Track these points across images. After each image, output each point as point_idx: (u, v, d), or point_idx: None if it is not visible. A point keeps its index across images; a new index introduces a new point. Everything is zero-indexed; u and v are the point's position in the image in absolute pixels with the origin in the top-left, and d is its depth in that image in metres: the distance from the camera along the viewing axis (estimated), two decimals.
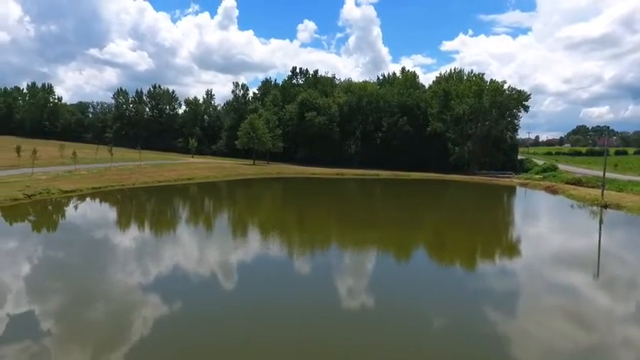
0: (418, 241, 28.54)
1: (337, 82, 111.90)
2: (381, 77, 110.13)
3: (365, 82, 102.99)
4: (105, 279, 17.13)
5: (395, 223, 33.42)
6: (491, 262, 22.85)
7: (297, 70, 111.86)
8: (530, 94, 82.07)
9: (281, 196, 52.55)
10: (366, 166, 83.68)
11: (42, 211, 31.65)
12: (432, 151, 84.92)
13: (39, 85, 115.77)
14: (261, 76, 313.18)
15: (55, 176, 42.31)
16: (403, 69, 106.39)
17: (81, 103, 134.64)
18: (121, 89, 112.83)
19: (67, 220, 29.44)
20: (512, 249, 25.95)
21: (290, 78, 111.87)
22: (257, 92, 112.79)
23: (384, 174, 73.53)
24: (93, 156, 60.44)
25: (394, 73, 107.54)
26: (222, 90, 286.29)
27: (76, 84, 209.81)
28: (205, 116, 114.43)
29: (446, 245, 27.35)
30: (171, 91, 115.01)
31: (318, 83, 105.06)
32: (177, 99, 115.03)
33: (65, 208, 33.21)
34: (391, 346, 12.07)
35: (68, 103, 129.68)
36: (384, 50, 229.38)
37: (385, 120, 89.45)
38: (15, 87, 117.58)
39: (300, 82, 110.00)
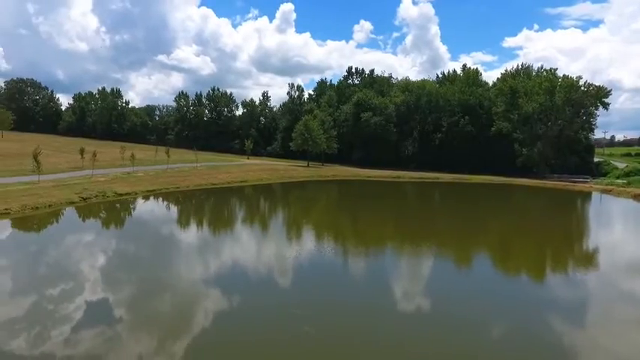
0: (482, 249, 26.04)
1: (394, 81, 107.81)
2: (440, 75, 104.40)
3: (424, 81, 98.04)
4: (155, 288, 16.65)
5: (456, 229, 30.70)
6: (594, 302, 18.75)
7: (353, 70, 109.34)
8: (610, 90, 73.23)
9: (335, 200, 50.30)
10: (424, 168, 79.15)
11: (95, 213, 31.86)
12: (496, 153, 78.37)
13: (108, 90, 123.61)
14: (317, 78, 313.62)
15: (113, 178, 43.19)
16: (464, 66, 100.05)
17: (148, 106, 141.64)
18: (182, 92, 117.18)
19: (116, 224, 29.19)
20: (612, 280, 21.42)
21: (345, 78, 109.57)
22: (312, 93, 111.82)
23: (444, 177, 68.73)
24: (152, 158, 61.99)
25: (454, 71, 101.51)
26: (280, 92, 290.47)
27: (146, 88, 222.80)
28: (261, 118, 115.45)
29: (513, 255, 24.43)
30: (229, 93, 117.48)
31: (374, 83, 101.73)
32: (234, 101, 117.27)
33: (117, 212, 33.29)
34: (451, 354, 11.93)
35: (137, 107, 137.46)
36: (443, 48, 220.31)
37: (445, 120, 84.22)
38: (88, 92, 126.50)
39: (356, 82, 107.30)
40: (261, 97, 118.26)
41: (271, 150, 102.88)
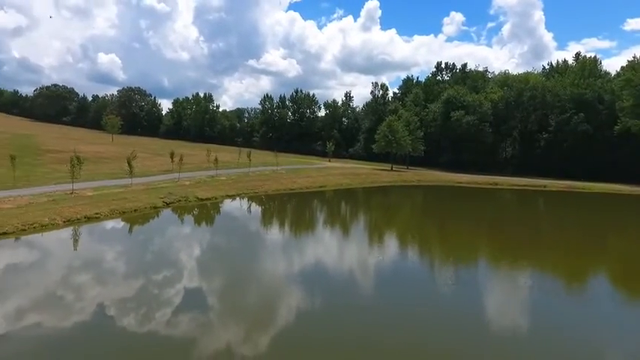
0: (600, 271, 23.79)
1: (490, 75, 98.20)
2: (547, 67, 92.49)
3: (527, 74, 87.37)
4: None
5: (567, 247, 27.38)
6: None
7: (442, 66, 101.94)
8: None
9: (419, 208, 45.92)
10: (525, 173, 70.13)
11: (176, 217, 31.81)
12: (622, 157, 66.18)
13: (202, 95, 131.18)
14: (403, 75, 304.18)
15: (198, 182, 43.72)
16: (577, 55, 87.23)
17: (238, 109, 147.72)
18: (266, 95, 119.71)
19: (194, 228, 28.56)
20: None
21: (434, 75, 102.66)
22: (397, 92, 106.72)
23: (553, 184, 59.72)
24: (236, 160, 62.82)
25: (564, 61, 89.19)
26: (364, 91, 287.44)
27: (238, 92, 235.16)
28: (344, 119, 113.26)
29: None
30: (311, 94, 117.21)
31: (467, 78, 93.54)
32: (317, 102, 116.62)
33: (196, 216, 32.96)
34: None
35: (228, 110, 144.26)
36: (547, 36, 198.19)
37: (553, 117, 73.81)
38: (185, 97, 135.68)
39: (446, 78, 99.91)
40: (344, 98, 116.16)
41: (353, 152, 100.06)
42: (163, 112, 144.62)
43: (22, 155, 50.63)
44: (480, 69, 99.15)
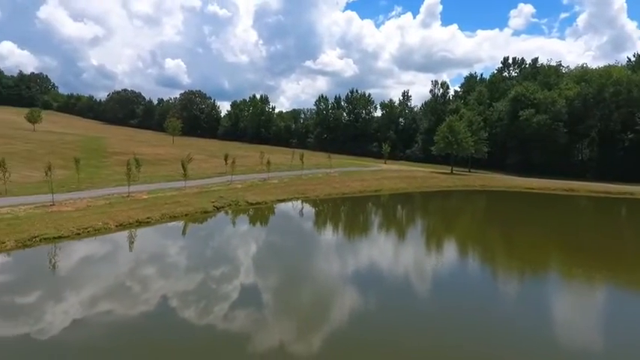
0: None
1: (564, 70, 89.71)
2: (632, 59, 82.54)
3: (609, 67, 78.47)
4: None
5: None
6: None
7: (510, 61, 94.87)
8: None
9: (483, 216, 42.18)
10: (606, 178, 62.77)
11: (226, 222, 31.22)
12: None
13: (258, 96, 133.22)
14: (465, 72, 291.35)
15: (249, 185, 43.27)
16: None
17: (294, 110, 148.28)
18: (321, 96, 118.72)
19: (237, 235, 27.65)
20: None
21: (500, 71, 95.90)
22: (459, 90, 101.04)
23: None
24: (289, 162, 62.15)
25: None
26: (422, 90, 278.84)
27: (294, 93, 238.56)
28: (400, 119, 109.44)
29: None
30: (367, 95, 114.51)
31: (538, 74, 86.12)
32: (373, 102, 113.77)
33: (242, 223, 32.15)
34: None
35: (284, 111, 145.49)
36: (630, 25, 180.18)
37: None
38: (242, 100, 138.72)
39: (514, 74, 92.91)
40: (401, 97, 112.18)
41: (410, 153, 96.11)
42: (222, 114, 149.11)
43: (88, 157, 53.50)
44: (553, 63, 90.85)
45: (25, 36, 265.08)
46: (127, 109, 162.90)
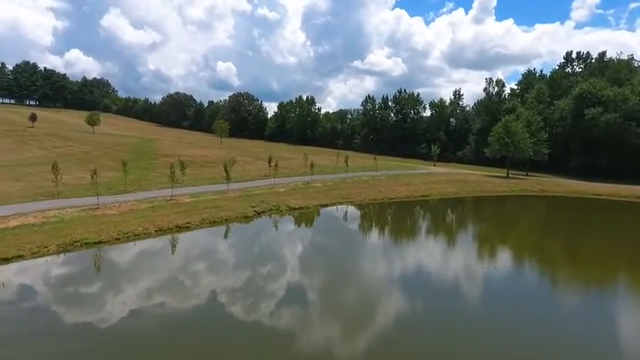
0: None
1: (636, 64, 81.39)
2: None
3: None
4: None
5: None
6: None
7: (573, 56, 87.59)
8: None
9: (543, 224, 38.44)
10: None
11: (265, 228, 30.30)
12: None
13: (304, 98, 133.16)
14: (521, 69, 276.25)
15: (292, 189, 42.31)
16: None
17: (341, 110, 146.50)
18: (368, 96, 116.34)
19: (275, 244, 26.54)
20: None
21: (562, 66, 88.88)
22: (516, 88, 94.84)
23: None
24: (334, 164, 60.77)
25: None
26: (474, 89, 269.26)
27: (342, 93, 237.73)
28: (451, 119, 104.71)
29: None
30: (416, 94, 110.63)
31: (606, 69, 78.66)
32: (422, 102, 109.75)
33: (282, 230, 31.04)
34: None
35: (331, 112, 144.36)
36: None
37: None
38: (289, 101, 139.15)
39: (578, 70, 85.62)
40: (452, 96, 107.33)
41: (462, 155, 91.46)
42: (269, 116, 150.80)
43: (139, 159, 55.11)
44: (624, 57, 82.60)
45: (90, 44, 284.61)
46: (179, 112, 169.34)
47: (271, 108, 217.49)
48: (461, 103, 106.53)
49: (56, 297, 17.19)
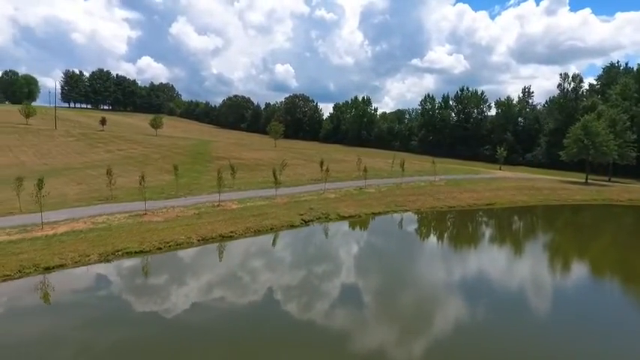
0: None
1: None
2: None
3: None
4: None
5: None
6: None
7: None
8: None
9: (628, 240, 33.10)
10: None
11: (311, 239, 28.44)
12: None
13: (360, 98, 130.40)
14: (599, 63, 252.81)
15: (343, 195, 40.14)
16: None
17: (399, 110, 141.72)
18: (428, 95, 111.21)
19: (319, 258, 24.44)
20: None
21: None
22: (595, 83, 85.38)
23: None
24: (389, 168, 57.76)
25: None
26: (545, 85, 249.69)
27: (399, 92, 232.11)
28: (520, 119, 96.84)
29: None
30: (480, 92, 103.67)
31: None
32: (486, 101, 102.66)
33: (328, 242, 28.95)
34: None
35: (388, 112, 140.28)
36: None
37: None
38: (345, 101, 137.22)
39: None
40: (521, 94, 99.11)
41: (531, 158, 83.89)
42: (324, 117, 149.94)
43: (194, 162, 55.85)
44: None
45: (160, 51, 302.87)
46: (237, 114, 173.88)
47: (327, 109, 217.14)
48: (530, 101, 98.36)
49: (83, 312, 16.46)
